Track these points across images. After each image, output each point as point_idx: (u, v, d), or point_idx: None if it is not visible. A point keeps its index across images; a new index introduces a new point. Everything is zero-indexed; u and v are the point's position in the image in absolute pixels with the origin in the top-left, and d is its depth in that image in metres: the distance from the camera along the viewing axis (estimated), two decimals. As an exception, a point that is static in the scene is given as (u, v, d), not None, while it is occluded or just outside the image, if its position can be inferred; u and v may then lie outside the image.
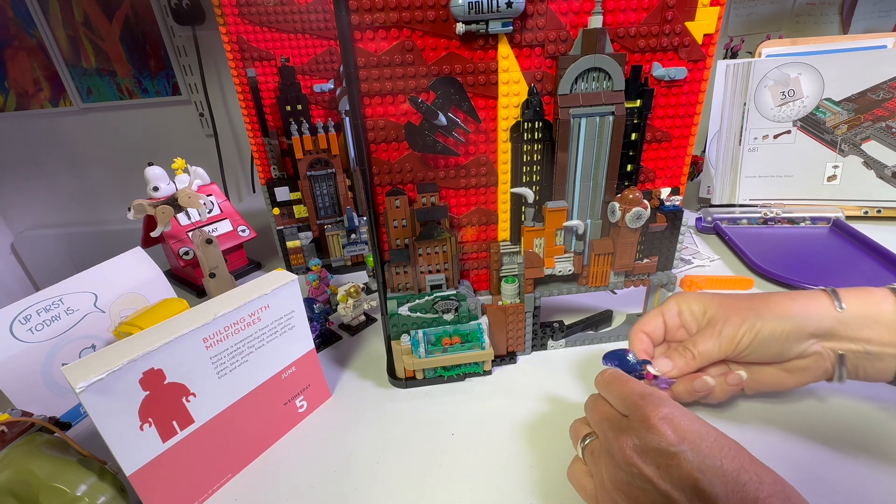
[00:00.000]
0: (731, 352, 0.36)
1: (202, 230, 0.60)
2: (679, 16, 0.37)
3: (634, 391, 0.31)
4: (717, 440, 0.26)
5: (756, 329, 0.35)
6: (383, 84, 0.36)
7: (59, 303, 0.45)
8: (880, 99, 0.69)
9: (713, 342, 0.36)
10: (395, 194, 0.40)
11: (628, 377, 0.33)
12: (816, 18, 0.99)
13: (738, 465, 0.25)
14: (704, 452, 0.26)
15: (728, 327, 0.36)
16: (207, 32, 1.20)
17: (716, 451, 0.26)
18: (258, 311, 0.37)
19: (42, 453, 0.33)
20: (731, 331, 0.36)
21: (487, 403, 0.43)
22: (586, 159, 0.41)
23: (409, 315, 0.44)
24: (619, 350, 0.39)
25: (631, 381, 0.32)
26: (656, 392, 0.30)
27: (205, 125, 1.31)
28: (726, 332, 0.36)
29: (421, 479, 0.36)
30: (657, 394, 0.30)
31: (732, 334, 0.36)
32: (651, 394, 0.30)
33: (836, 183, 0.73)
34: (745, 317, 0.35)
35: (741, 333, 0.35)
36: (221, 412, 0.36)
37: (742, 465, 0.25)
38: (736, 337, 0.36)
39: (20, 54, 1.29)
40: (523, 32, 0.36)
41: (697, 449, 0.26)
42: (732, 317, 0.36)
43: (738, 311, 0.36)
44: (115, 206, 1.52)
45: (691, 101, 0.40)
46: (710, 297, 0.38)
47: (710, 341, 0.36)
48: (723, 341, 0.36)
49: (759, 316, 0.35)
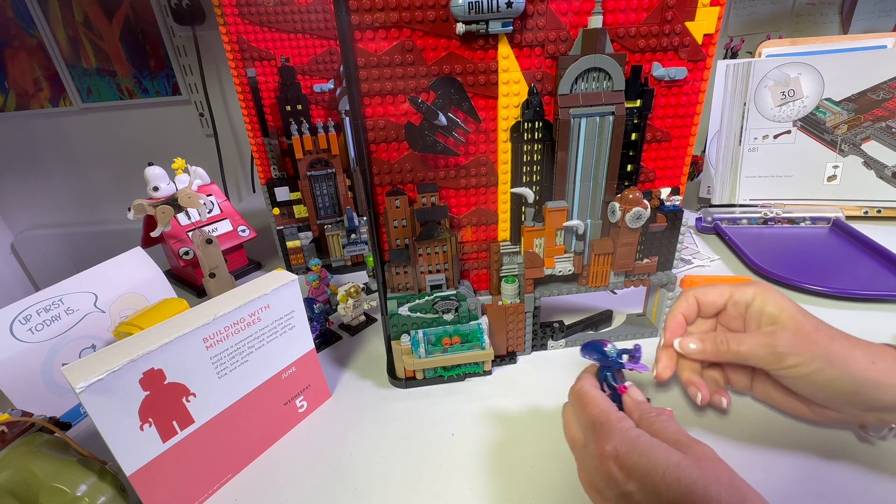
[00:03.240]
0: (772, 370, 0.33)
1: (202, 230, 0.60)
2: (679, 16, 0.37)
3: (591, 417, 0.30)
4: (666, 475, 0.25)
5: (817, 371, 0.31)
6: (383, 84, 0.36)
7: (59, 303, 0.45)
8: (880, 99, 0.69)
9: (761, 354, 0.33)
10: (395, 194, 0.40)
11: (589, 398, 0.31)
12: (816, 18, 0.99)
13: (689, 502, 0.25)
14: (651, 490, 0.25)
15: (789, 354, 0.32)
16: (207, 32, 1.20)
17: (663, 488, 0.25)
18: (258, 311, 0.37)
19: (42, 453, 0.33)
20: (790, 359, 0.32)
21: (487, 403, 0.43)
22: (586, 159, 0.41)
23: (409, 315, 0.44)
24: (598, 342, 0.36)
25: (590, 404, 0.31)
26: (609, 420, 0.29)
27: (205, 125, 1.31)
28: (784, 355, 0.32)
29: (421, 479, 0.36)
30: (608, 423, 0.29)
31: (788, 361, 0.32)
32: (603, 423, 0.29)
33: (836, 183, 0.73)
34: (815, 355, 0.31)
35: (797, 363, 0.31)
36: (221, 412, 0.36)
37: (694, 501, 0.24)
38: (788, 364, 0.32)
39: (20, 54, 1.29)
40: (523, 32, 0.36)
41: (644, 488, 0.25)
42: (799, 346, 0.32)
43: (809, 343, 0.32)
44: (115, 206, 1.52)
45: (691, 101, 0.40)
46: (790, 312, 0.33)
47: (759, 351, 0.33)
48: (771, 360, 0.32)
49: (829, 363, 0.31)
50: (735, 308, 0.37)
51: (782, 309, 0.34)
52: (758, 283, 0.36)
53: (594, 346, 0.36)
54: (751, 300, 0.35)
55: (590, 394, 0.32)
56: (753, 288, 0.36)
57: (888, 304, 0.52)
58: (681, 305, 0.38)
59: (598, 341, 0.36)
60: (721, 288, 0.37)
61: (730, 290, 0.37)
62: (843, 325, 0.49)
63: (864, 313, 0.51)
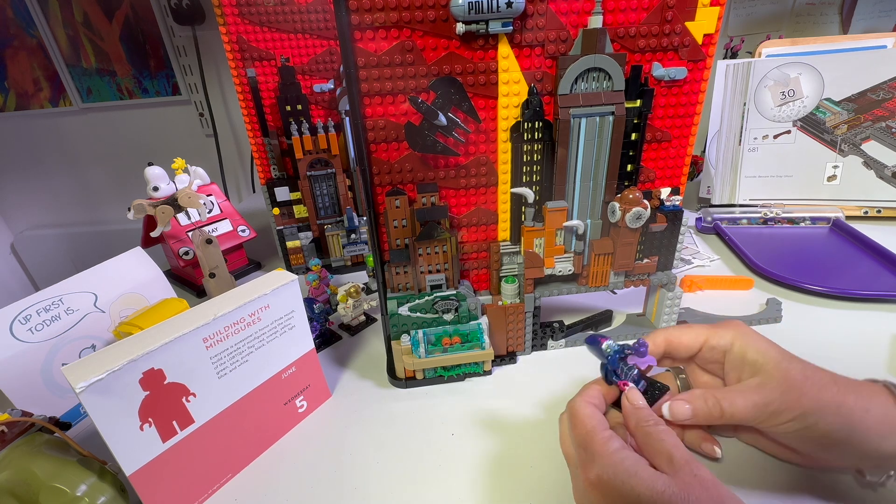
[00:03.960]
0: (766, 428, 0.31)
1: (202, 230, 0.60)
2: (679, 16, 0.37)
3: (578, 438, 0.30)
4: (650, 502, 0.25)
5: (811, 426, 0.29)
6: (383, 84, 0.36)
7: (59, 303, 0.45)
8: (880, 99, 0.69)
9: (753, 415, 0.30)
10: (395, 194, 0.40)
11: (578, 418, 0.30)
12: (816, 18, 0.99)
13: None
14: None
15: (782, 411, 0.29)
16: (207, 32, 1.20)
17: None
18: (258, 311, 0.37)
19: (42, 453, 0.33)
20: (783, 416, 0.29)
21: (487, 403, 0.43)
22: (586, 159, 0.41)
23: (409, 315, 0.44)
24: (597, 336, 0.35)
25: (577, 424, 0.30)
26: (593, 443, 0.28)
27: (205, 125, 1.31)
28: (777, 413, 0.29)
29: (421, 479, 0.36)
30: (592, 447, 0.28)
31: (781, 418, 0.29)
32: (588, 447, 0.28)
33: (835, 183, 0.73)
34: (807, 409, 0.29)
35: (789, 418, 0.29)
36: (221, 412, 0.36)
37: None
38: (781, 421, 0.29)
39: (20, 54, 1.29)
40: (523, 32, 0.36)
41: None
42: (790, 401, 0.29)
43: (800, 397, 0.29)
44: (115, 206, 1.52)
45: (691, 101, 0.40)
46: (774, 359, 0.31)
47: (751, 413, 0.30)
48: (763, 419, 0.30)
49: (822, 416, 0.28)
50: (712, 353, 0.34)
51: (765, 356, 0.31)
52: (736, 326, 0.34)
53: (593, 340, 0.34)
54: (729, 346, 0.33)
55: (580, 412, 0.31)
56: (731, 331, 0.33)
57: (888, 304, 0.52)
58: (651, 348, 0.35)
59: (598, 336, 0.35)
60: (695, 330, 0.35)
61: (705, 333, 0.34)
62: (843, 325, 0.50)
63: (864, 313, 0.51)
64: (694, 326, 0.35)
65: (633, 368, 0.34)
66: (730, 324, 0.34)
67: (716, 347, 0.34)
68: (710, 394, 0.32)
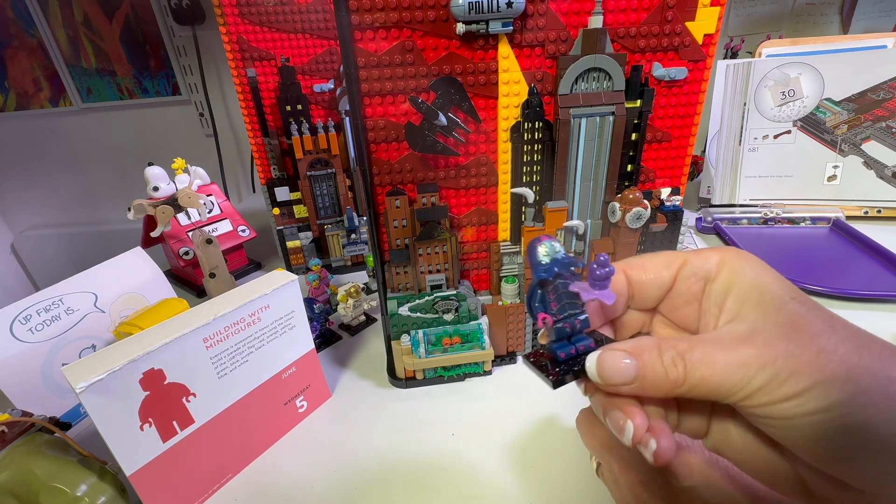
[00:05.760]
0: (760, 411, 0.18)
1: (202, 230, 0.60)
2: (679, 16, 0.37)
3: None
4: (728, 471, 0.22)
5: (836, 409, 0.16)
6: (383, 84, 0.36)
7: (59, 303, 0.45)
8: (880, 99, 0.69)
9: (736, 373, 0.17)
10: (395, 194, 0.40)
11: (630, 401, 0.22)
12: (816, 18, 0.99)
13: (752, 500, 0.22)
14: (716, 487, 0.22)
15: (788, 375, 0.17)
16: (207, 32, 1.19)
17: (727, 484, 0.22)
18: (258, 311, 0.37)
19: (42, 453, 0.33)
20: (790, 385, 0.17)
21: (488, 404, 0.43)
22: (586, 159, 0.41)
23: (409, 315, 0.44)
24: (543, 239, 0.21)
25: None
26: None
27: (205, 125, 1.31)
28: (779, 379, 0.17)
29: (421, 479, 0.36)
30: None
31: (785, 388, 0.17)
32: None
33: (836, 183, 0.73)
34: (833, 376, 0.16)
35: (798, 390, 0.17)
36: (221, 412, 0.36)
37: (759, 500, 0.22)
38: (785, 393, 0.17)
39: (20, 54, 1.29)
40: (523, 32, 0.36)
41: (708, 483, 0.23)
42: (801, 358, 0.17)
43: (818, 354, 0.17)
44: (115, 206, 1.52)
45: (691, 101, 0.40)
46: (779, 296, 0.19)
47: (733, 371, 0.17)
48: (757, 382, 0.17)
49: (856, 392, 0.16)
50: (688, 287, 0.22)
51: (765, 289, 0.19)
52: (727, 248, 0.21)
53: (534, 242, 0.21)
54: (713, 273, 0.21)
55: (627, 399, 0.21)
56: (719, 254, 0.21)
57: (889, 305, 0.52)
58: None
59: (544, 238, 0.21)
60: (666, 256, 0.23)
61: (681, 257, 0.22)
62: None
63: (865, 313, 0.51)
64: (665, 252, 0.23)
65: (574, 305, 0.21)
66: (720, 247, 0.22)
67: (696, 275, 0.21)
68: (668, 343, 0.19)
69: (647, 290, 0.23)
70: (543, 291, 0.21)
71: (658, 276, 0.22)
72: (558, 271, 0.20)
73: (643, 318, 0.24)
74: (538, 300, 0.21)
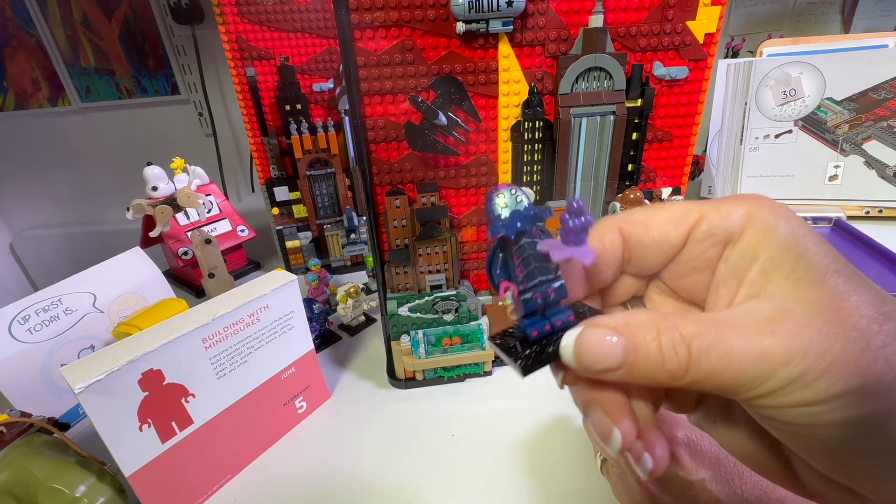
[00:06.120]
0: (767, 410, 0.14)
1: (201, 230, 0.60)
2: (680, 15, 0.37)
3: None
4: (736, 464, 0.23)
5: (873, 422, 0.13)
6: (383, 83, 0.36)
7: (57, 303, 0.45)
8: (881, 98, 0.69)
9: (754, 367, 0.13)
10: (395, 194, 0.40)
11: None
12: (817, 18, 0.99)
13: (759, 493, 0.23)
14: (724, 479, 0.23)
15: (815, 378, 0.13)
16: (206, 31, 1.19)
17: (735, 477, 0.23)
18: (257, 311, 0.36)
19: (41, 454, 0.33)
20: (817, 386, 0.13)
21: (487, 404, 0.43)
22: (587, 159, 0.40)
23: (409, 315, 0.43)
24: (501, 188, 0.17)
25: None
26: (667, 412, 0.21)
27: (204, 125, 1.31)
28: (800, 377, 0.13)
29: (421, 479, 0.36)
30: (669, 414, 0.25)
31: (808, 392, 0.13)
32: (663, 414, 0.24)
33: (837, 183, 0.73)
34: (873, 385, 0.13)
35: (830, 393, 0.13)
36: (220, 413, 0.36)
37: (764, 492, 0.23)
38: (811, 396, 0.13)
39: (19, 54, 1.29)
40: (524, 32, 0.36)
41: (717, 476, 0.24)
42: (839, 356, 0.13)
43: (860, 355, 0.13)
44: (113, 206, 1.52)
45: (692, 100, 0.40)
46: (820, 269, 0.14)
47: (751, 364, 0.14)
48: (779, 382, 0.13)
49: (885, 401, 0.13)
50: (701, 249, 0.17)
51: (801, 256, 0.14)
52: (755, 197, 0.16)
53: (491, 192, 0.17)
54: (737, 233, 0.16)
55: None
56: (746, 206, 0.16)
57: (889, 305, 0.52)
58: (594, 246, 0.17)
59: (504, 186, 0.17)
60: (677, 209, 0.17)
61: (698, 208, 0.17)
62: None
63: (866, 313, 0.51)
64: (674, 203, 0.18)
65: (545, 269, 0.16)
66: (746, 195, 0.16)
67: (714, 236, 0.16)
68: (670, 323, 0.15)
69: (650, 254, 0.17)
70: (505, 254, 0.17)
71: (664, 237, 0.17)
72: (521, 226, 0.16)
73: (638, 285, 0.19)
74: (500, 265, 0.17)
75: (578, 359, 0.15)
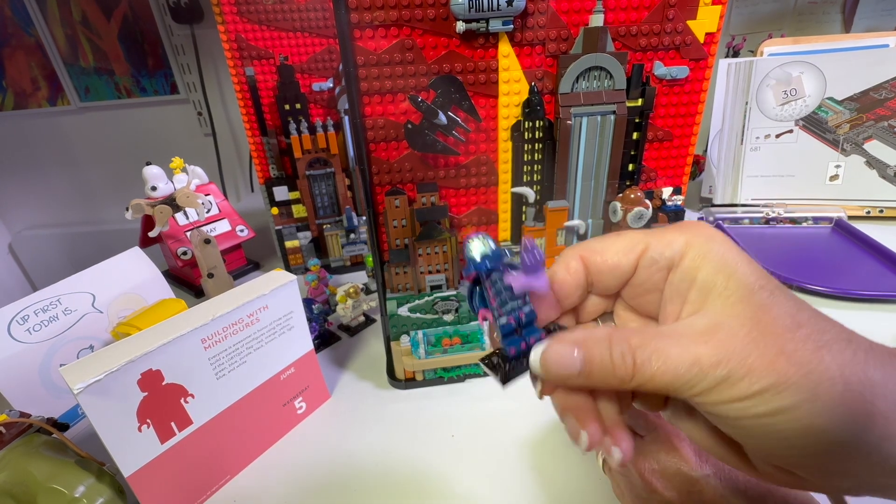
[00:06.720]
0: (704, 406, 0.17)
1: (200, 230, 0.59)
2: (680, 14, 0.36)
3: None
4: None
5: (791, 411, 0.15)
6: (383, 83, 0.36)
7: (56, 303, 0.45)
8: (882, 98, 0.69)
9: (686, 372, 0.16)
10: (395, 194, 0.40)
11: None
12: (818, 17, 0.99)
13: (763, 490, 0.23)
14: (728, 476, 0.24)
15: (742, 376, 0.16)
16: (206, 31, 1.19)
17: (739, 474, 0.24)
18: (257, 311, 0.36)
19: (40, 454, 0.32)
20: (743, 385, 0.16)
21: (487, 405, 0.43)
22: (587, 159, 0.40)
23: (409, 316, 0.43)
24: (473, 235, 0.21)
25: None
26: None
27: (203, 124, 1.31)
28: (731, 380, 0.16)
29: (421, 480, 0.36)
30: None
31: (738, 389, 0.16)
32: None
33: (838, 183, 0.72)
34: (790, 378, 0.15)
35: (753, 391, 0.16)
36: (220, 413, 0.36)
37: (768, 489, 0.23)
38: (737, 394, 0.16)
39: (18, 53, 1.28)
40: (524, 31, 0.36)
41: (721, 473, 0.24)
42: (759, 359, 0.16)
43: (778, 355, 0.16)
44: (113, 206, 1.52)
45: (693, 100, 0.40)
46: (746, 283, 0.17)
47: (682, 370, 0.16)
48: (708, 382, 0.16)
49: (813, 396, 0.15)
50: (651, 274, 0.20)
51: (731, 276, 0.17)
52: (695, 227, 0.19)
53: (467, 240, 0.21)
54: (677, 259, 0.19)
55: None
56: (685, 235, 0.19)
57: (890, 305, 0.52)
58: (557, 274, 0.21)
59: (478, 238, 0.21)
60: (628, 239, 0.20)
61: (644, 241, 0.20)
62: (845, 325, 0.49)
63: (867, 314, 0.51)
64: (626, 233, 0.21)
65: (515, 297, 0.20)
66: (686, 224, 0.20)
67: (657, 263, 0.19)
68: (619, 336, 0.18)
69: (606, 278, 0.21)
70: (482, 288, 0.21)
71: (617, 264, 0.20)
72: (490, 266, 0.20)
73: (606, 303, 0.23)
74: (478, 298, 0.21)
75: (545, 369, 0.19)
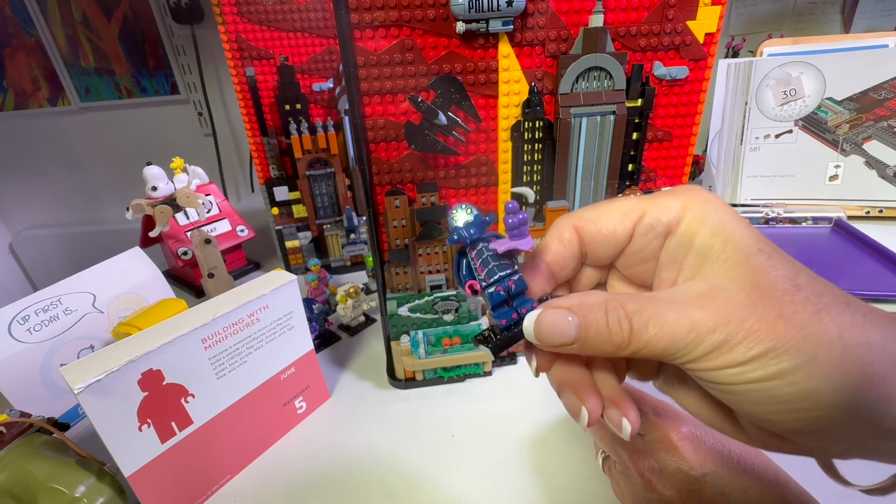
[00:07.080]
0: (698, 373, 0.17)
1: (201, 230, 0.59)
2: (680, 15, 0.36)
3: (648, 406, 0.26)
4: (741, 461, 0.24)
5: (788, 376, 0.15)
6: (383, 83, 0.36)
7: (57, 303, 0.45)
8: (882, 98, 0.69)
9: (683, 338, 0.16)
10: (395, 194, 0.40)
11: (641, 392, 0.26)
12: (818, 17, 0.99)
13: (763, 489, 0.23)
14: (728, 476, 0.24)
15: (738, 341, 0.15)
16: (206, 31, 1.19)
17: (739, 473, 0.24)
18: (257, 311, 0.36)
19: (40, 454, 0.32)
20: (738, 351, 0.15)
21: (487, 405, 0.43)
22: (587, 159, 0.40)
23: (409, 315, 0.43)
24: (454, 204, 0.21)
25: (644, 395, 0.27)
26: (673, 407, 0.25)
27: (203, 124, 1.31)
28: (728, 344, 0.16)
29: (420, 480, 0.36)
30: (674, 409, 0.26)
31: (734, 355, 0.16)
32: (667, 409, 0.26)
33: (837, 183, 0.72)
34: (789, 343, 0.15)
35: (749, 356, 0.15)
36: (220, 413, 0.36)
37: (768, 487, 0.23)
38: (732, 360, 0.16)
39: (18, 53, 1.29)
40: (524, 31, 0.36)
41: (720, 472, 0.24)
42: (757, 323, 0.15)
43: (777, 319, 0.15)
44: (113, 206, 1.52)
45: (693, 100, 0.40)
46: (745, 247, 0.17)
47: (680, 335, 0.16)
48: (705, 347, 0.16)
49: (812, 359, 0.15)
50: (648, 241, 0.19)
51: (728, 240, 0.17)
52: (691, 191, 0.19)
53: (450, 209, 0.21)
54: (674, 224, 0.18)
55: (638, 389, 0.26)
56: (682, 199, 0.18)
57: (891, 305, 0.52)
58: (550, 246, 0.21)
59: None
60: (622, 206, 0.20)
61: (640, 207, 0.19)
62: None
63: (866, 313, 0.51)
64: (620, 200, 0.20)
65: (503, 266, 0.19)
66: (682, 188, 0.19)
67: (654, 230, 0.19)
68: (615, 301, 0.17)
69: (601, 248, 0.20)
70: (467, 258, 0.20)
71: (612, 232, 0.20)
72: (474, 233, 0.20)
73: (600, 274, 0.22)
74: (464, 269, 0.20)
75: (538, 335, 0.18)
